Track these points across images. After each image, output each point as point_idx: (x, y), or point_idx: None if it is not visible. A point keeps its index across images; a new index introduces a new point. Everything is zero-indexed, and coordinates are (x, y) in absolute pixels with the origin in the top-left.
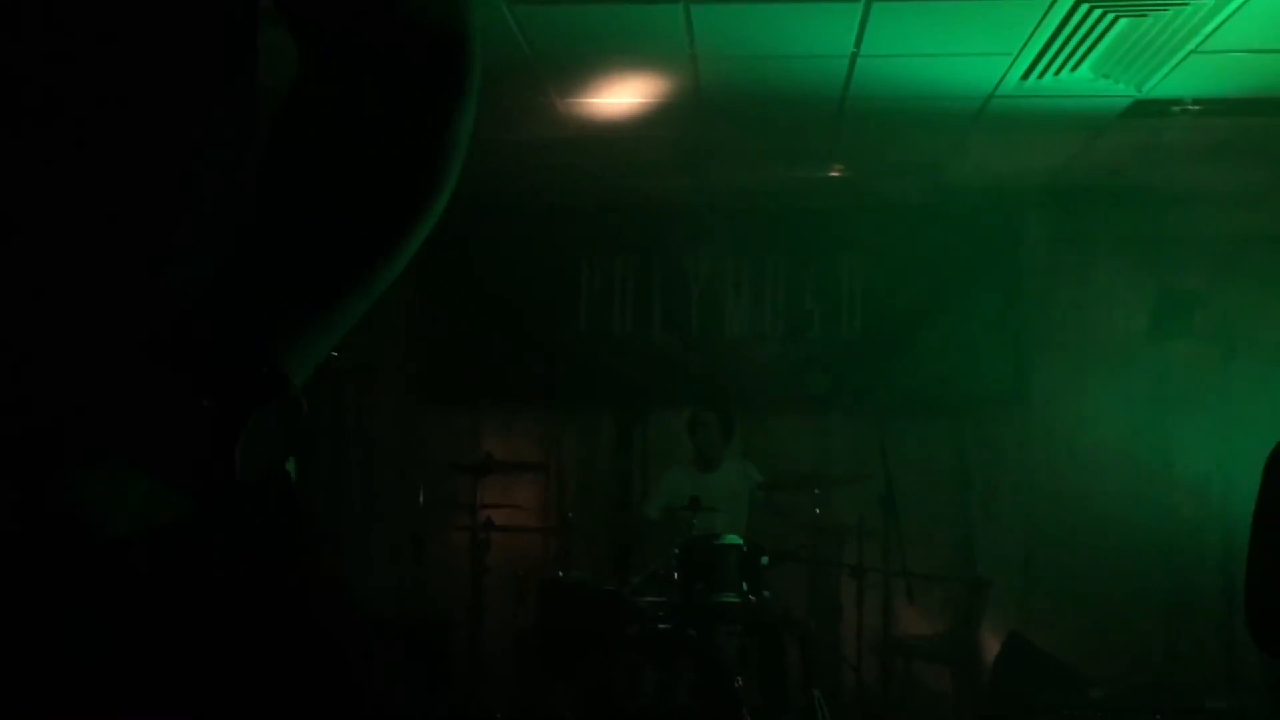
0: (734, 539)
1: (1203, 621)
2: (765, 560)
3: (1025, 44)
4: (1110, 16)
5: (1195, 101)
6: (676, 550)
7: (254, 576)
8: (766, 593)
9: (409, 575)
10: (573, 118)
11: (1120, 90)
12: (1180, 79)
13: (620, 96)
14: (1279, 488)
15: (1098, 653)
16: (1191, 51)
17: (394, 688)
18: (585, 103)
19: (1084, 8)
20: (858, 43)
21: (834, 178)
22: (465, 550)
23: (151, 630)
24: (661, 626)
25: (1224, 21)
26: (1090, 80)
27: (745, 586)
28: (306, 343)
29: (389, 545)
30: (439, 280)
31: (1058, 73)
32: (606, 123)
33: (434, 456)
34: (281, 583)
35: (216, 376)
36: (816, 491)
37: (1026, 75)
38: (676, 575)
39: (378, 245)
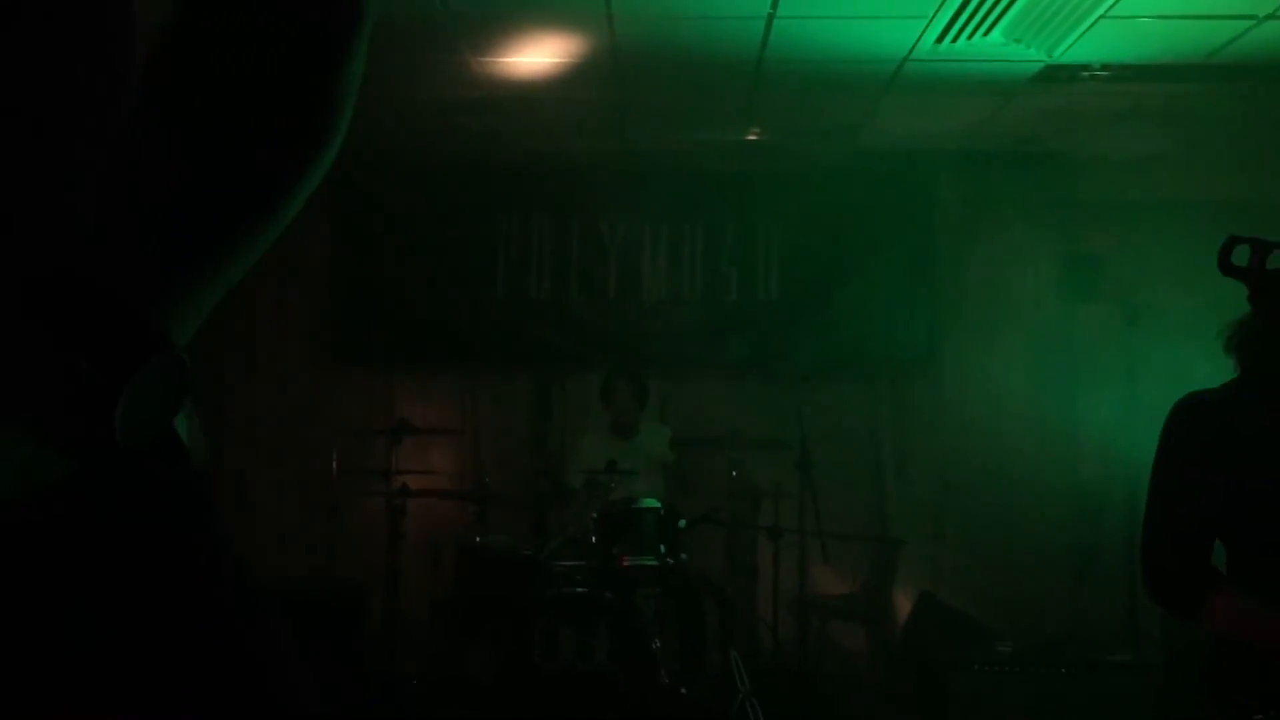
0: (652, 502)
1: (1106, 578)
2: (683, 523)
3: (939, 8)
4: None
5: (1104, 67)
6: (594, 514)
7: (137, 540)
8: (684, 555)
9: (324, 542)
10: (487, 77)
11: (1031, 55)
12: (1090, 44)
13: (536, 56)
14: (1172, 448)
15: (1006, 609)
16: (1101, 17)
17: (282, 652)
18: (500, 62)
19: None
20: (774, 3)
21: (751, 140)
22: (381, 516)
23: (35, 594)
24: (579, 590)
25: None
26: (1002, 45)
27: (663, 549)
28: (189, 299)
29: (303, 512)
30: (353, 241)
31: (970, 37)
32: (522, 82)
33: (348, 421)
34: (167, 547)
35: (95, 335)
36: (733, 455)
37: (940, 39)
38: (594, 539)
39: (263, 196)
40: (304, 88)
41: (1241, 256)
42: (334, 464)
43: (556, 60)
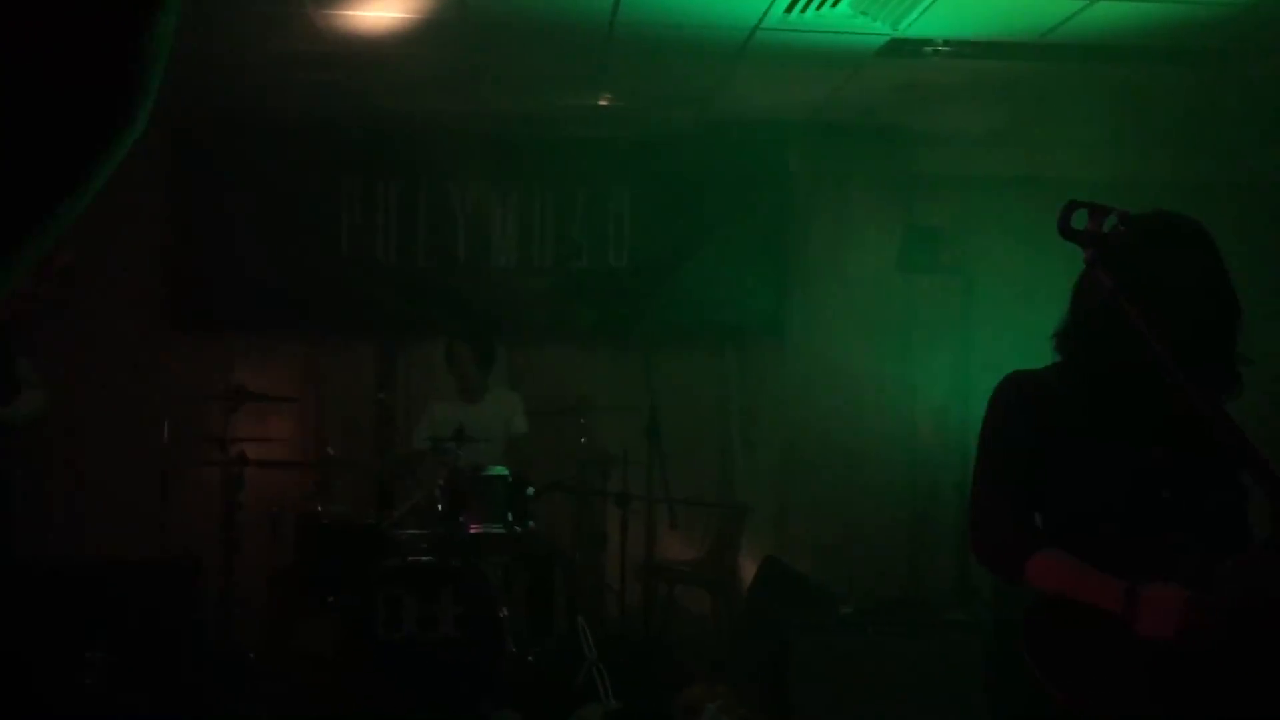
0: (499, 470)
1: (942, 541)
2: (531, 490)
3: None
4: None
5: (946, 42)
6: (440, 482)
7: None
8: (532, 523)
9: (156, 512)
10: (331, 31)
11: (877, 28)
12: (934, 19)
13: (382, 10)
14: (997, 421)
15: (847, 572)
16: None
17: None
18: (344, 15)
19: None
20: None
21: (603, 106)
22: (217, 486)
23: None
24: (424, 559)
25: None
26: (850, 16)
27: (510, 517)
28: None
29: (135, 481)
30: (190, 202)
31: (820, 8)
32: (367, 38)
33: (183, 388)
34: None
35: None
36: (583, 421)
37: (790, 8)
38: (440, 507)
39: (57, 175)
40: (105, 46)
41: (1080, 220)
42: (165, 431)
43: (404, 16)
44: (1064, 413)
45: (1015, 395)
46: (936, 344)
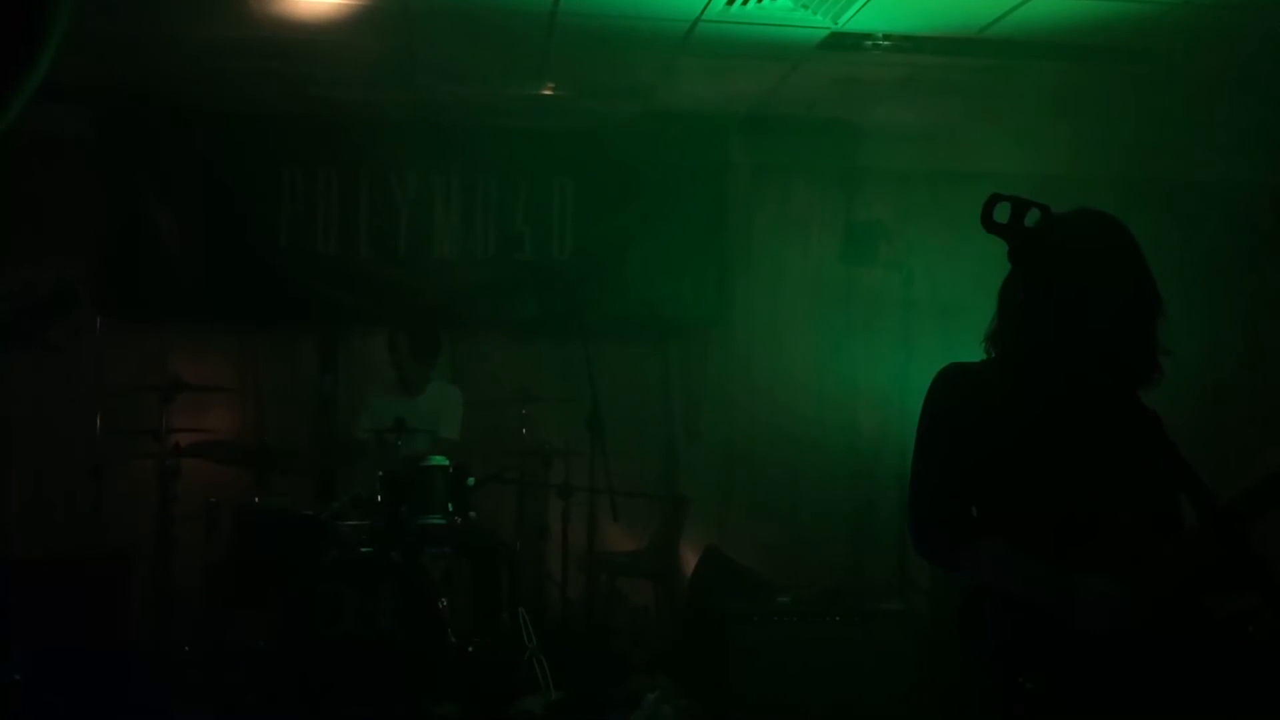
0: (440, 460)
1: (880, 532)
2: (472, 481)
3: None
4: None
5: (886, 37)
6: (380, 473)
7: None
8: (473, 514)
9: (88, 505)
10: (269, 17)
11: (818, 21)
12: (874, 13)
13: None
14: (935, 412)
15: (787, 562)
16: None
17: None
18: (283, 0)
19: None
20: None
21: (545, 96)
22: (151, 478)
23: None
24: (364, 550)
25: None
26: (791, 10)
27: (451, 508)
28: None
29: (66, 473)
30: (125, 190)
31: (760, 1)
32: (306, 25)
33: (117, 379)
34: None
35: None
36: (525, 412)
37: (732, 1)
38: (380, 498)
39: None
40: None
41: (1003, 214)
42: (98, 422)
43: (345, 3)
44: (1000, 403)
45: (953, 385)
46: (877, 336)
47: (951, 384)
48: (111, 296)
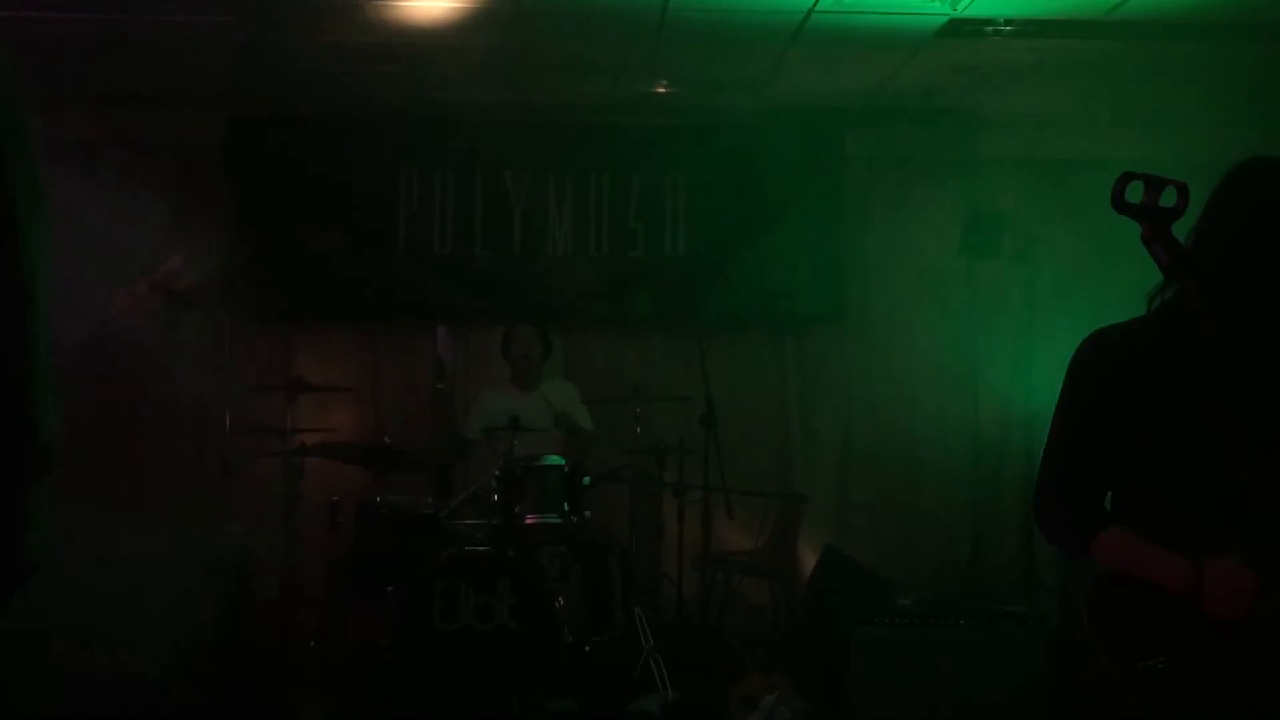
0: (555, 459)
1: (1005, 531)
2: (587, 480)
3: None
4: None
5: (1008, 22)
6: (496, 472)
7: None
8: (588, 513)
9: (218, 502)
10: (383, 23)
11: (936, 8)
12: None
13: (435, 1)
14: (1075, 381)
15: (907, 562)
16: None
17: None
18: (396, 6)
19: None
20: None
21: (657, 93)
22: (277, 476)
23: None
24: (481, 549)
25: None
26: None
27: (566, 507)
28: None
29: (197, 471)
30: (249, 195)
31: None
32: (419, 29)
33: (245, 379)
34: None
35: None
36: (639, 410)
37: None
38: (496, 497)
39: None
40: None
41: (1135, 194)
42: (227, 422)
43: (457, 6)
44: (1146, 366)
45: (1093, 356)
46: (999, 330)
47: (1093, 353)
48: (239, 299)
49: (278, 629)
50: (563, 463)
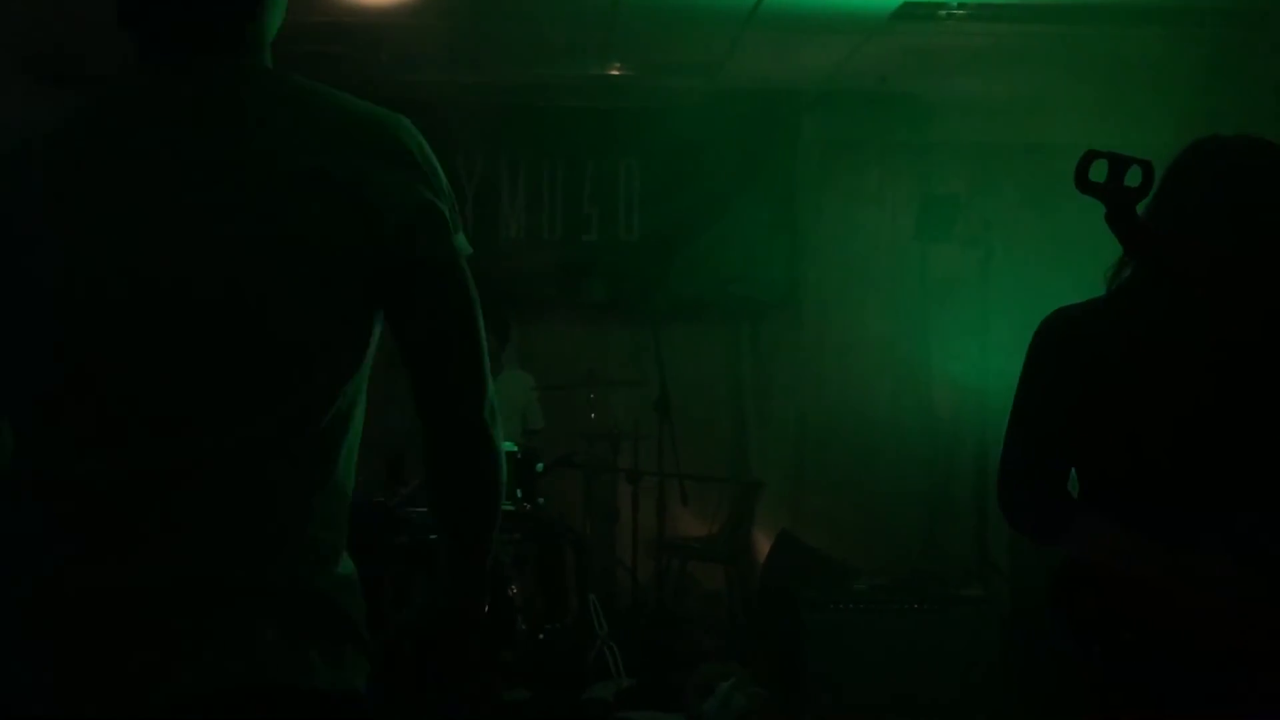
0: (508, 446)
1: (958, 515)
2: (540, 466)
3: None
4: None
5: (961, 5)
6: None
7: None
8: (541, 499)
9: None
10: (331, 1)
11: None
12: None
13: None
14: (1035, 363)
15: (862, 547)
16: None
17: None
18: None
19: None
20: None
21: (611, 75)
22: None
23: None
24: (433, 536)
25: None
26: None
27: (520, 493)
28: None
29: None
30: None
31: None
32: (368, 8)
33: None
34: None
35: None
36: (593, 396)
37: None
38: None
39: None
40: None
41: (1099, 173)
42: None
43: None
44: (1107, 344)
45: (1053, 336)
46: (954, 314)
47: (1053, 332)
48: None
49: None
50: (515, 449)
